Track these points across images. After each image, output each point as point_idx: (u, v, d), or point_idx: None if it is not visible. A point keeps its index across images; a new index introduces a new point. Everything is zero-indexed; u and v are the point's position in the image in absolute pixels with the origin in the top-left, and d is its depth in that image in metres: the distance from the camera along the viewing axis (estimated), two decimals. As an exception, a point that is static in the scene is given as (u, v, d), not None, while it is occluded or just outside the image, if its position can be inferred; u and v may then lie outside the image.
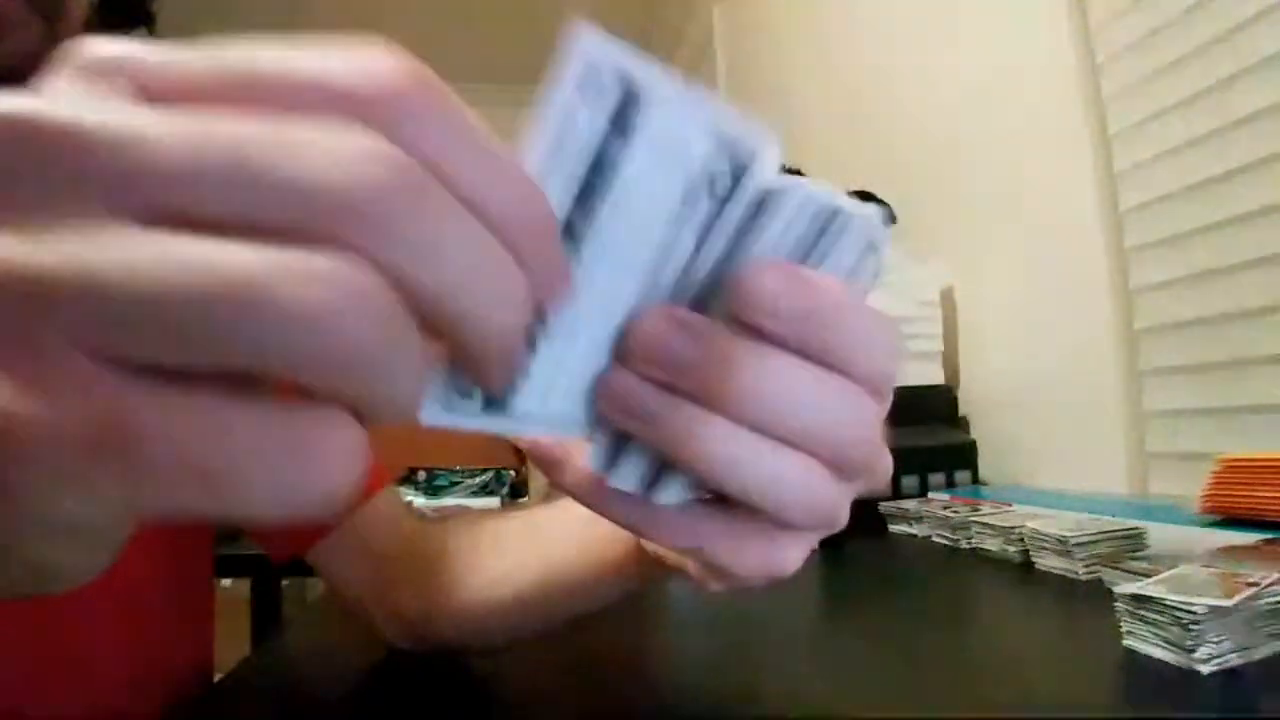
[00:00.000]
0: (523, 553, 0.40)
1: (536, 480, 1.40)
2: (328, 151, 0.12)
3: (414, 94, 0.13)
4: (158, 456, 0.11)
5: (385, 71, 0.13)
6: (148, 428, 0.11)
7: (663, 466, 0.19)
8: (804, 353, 0.18)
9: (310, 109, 0.12)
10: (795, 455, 0.18)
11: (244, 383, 0.12)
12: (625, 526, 0.21)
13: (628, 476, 0.20)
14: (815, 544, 0.21)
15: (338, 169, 0.12)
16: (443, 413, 0.16)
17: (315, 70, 0.13)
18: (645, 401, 0.18)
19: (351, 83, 0.13)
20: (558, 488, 0.22)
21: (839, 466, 0.19)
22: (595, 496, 0.21)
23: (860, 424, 0.19)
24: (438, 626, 0.43)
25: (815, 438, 0.18)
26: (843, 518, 0.20)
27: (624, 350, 0.18)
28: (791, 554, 0.21)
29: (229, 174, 0.11)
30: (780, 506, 0.18)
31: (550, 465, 0.21)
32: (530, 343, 0.17)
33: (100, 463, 0.11)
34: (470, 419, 0.17)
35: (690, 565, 0.26)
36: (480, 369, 0.15)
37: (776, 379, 0.17)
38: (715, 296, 0.18)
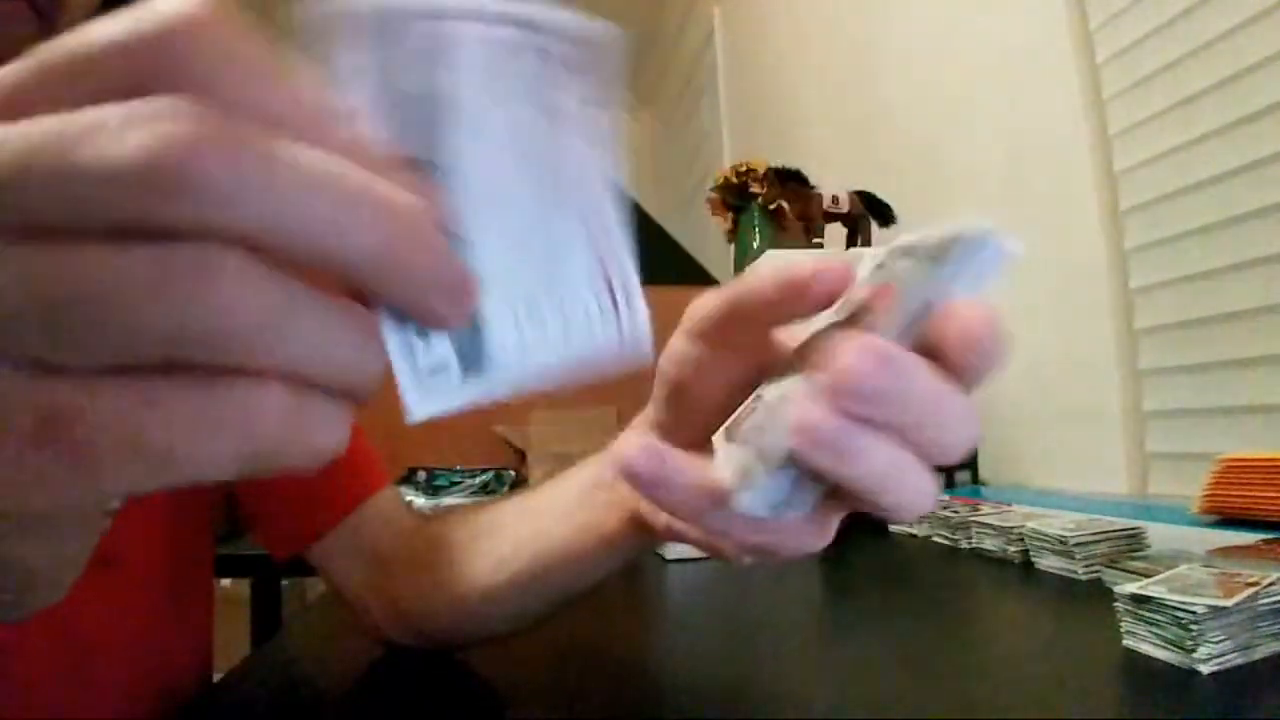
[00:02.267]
0: (517, 536, 0.40)
1: (536, 481, 1.39)
2: (116, 129, 0.11)
3: (197, 33, 0.12)
4: (94, 438, 0.12)
5: (165, 19, 0.12)
6: (80, 414, 0.12)
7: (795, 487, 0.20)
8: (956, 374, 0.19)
9: (103, 79, 0.12)
10: (918, 460, 0.20)
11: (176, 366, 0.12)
12: (737, 543, 0.22)
13: (763, 502, 0.20)
14: None
15: (129, 145, 0.11)
16: (424, 401, 0.16)
17: (99, 41, 0.12)
18: (850, 439, 0.18)
19: (131, 41, 0.12)
20: (661, 508, 0.23)
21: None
22: (706, 517, 0.21)
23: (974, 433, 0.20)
24: (439, 619, 0.43)
25: (957, 452, 0.20)
26: None
27: (823, 384, 0.18)
28: (827, 533, 0.23)
29: (26, 182, 0.12)
30: (912, 513, 0.20)
31: (649, 485, 0.21)
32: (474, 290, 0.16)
33: (44, 453, 0.12)
34: (453, 396, 0.16)
35: (727, 547, 0.26)
36: (418, 307, 0.15)
37: (954, 407, 0.19)
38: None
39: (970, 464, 0.96)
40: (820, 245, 1.20)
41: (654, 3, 3.00)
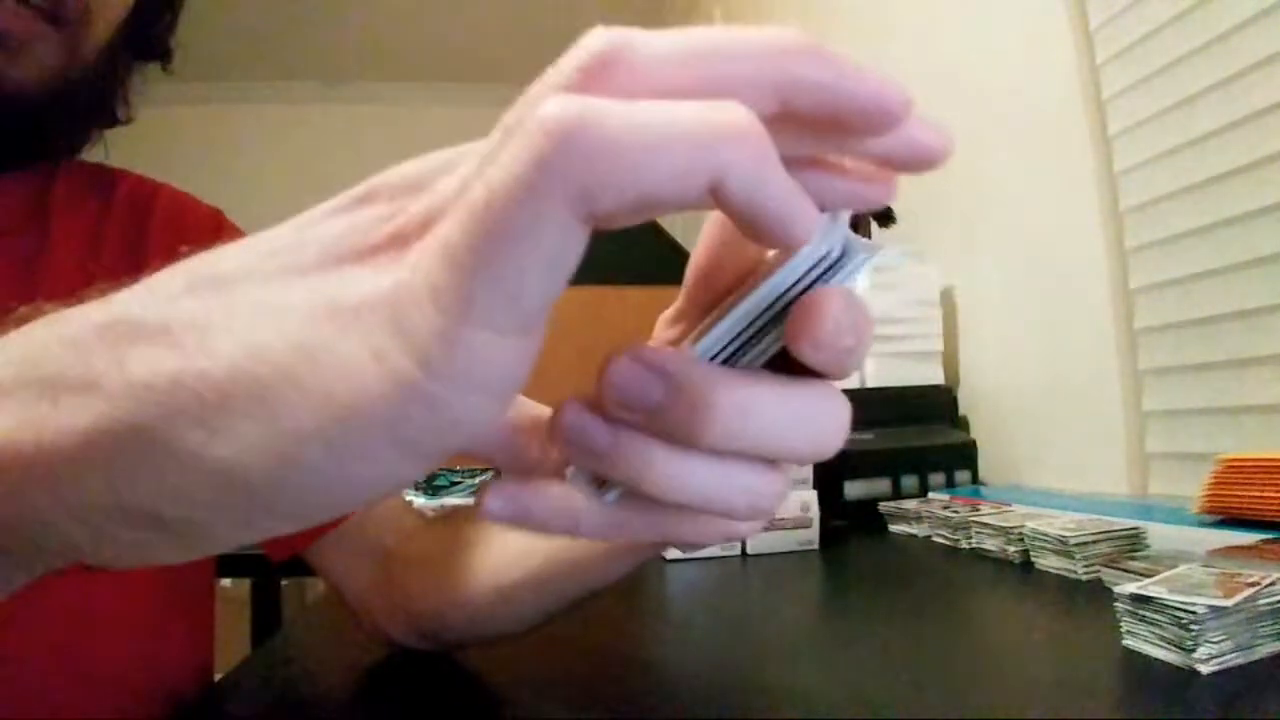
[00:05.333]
0: (531, 535, 0.39)
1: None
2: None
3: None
4: None
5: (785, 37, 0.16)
6: None
7: None
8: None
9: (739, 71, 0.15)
10: (753, 469, 0.18)
11: None
12: (589, 532, 0.21)
13: (581, 480, 0.19)
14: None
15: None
16: None
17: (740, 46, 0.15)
18: (596, 438, 0.18)
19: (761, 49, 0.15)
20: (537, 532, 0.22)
21: (796, 464, 0.19)
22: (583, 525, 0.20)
23: (834, 428, 0.19)
24: (447, 618, 0.43)
25: (783, 453, 0.18)
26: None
27: (597, 393, 0.17)
28: (745, 528, 0.22)
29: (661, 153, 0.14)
30: (733, 513, 0.19)
31: (514, 522, 0.20)
32: None
33: None
34: None
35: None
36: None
37: (748, 414, 0.17)
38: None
39: (970, 464, 0.96)
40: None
41: (654, 3, 3.00)
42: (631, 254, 2.04)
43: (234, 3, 2.82)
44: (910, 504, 0.82)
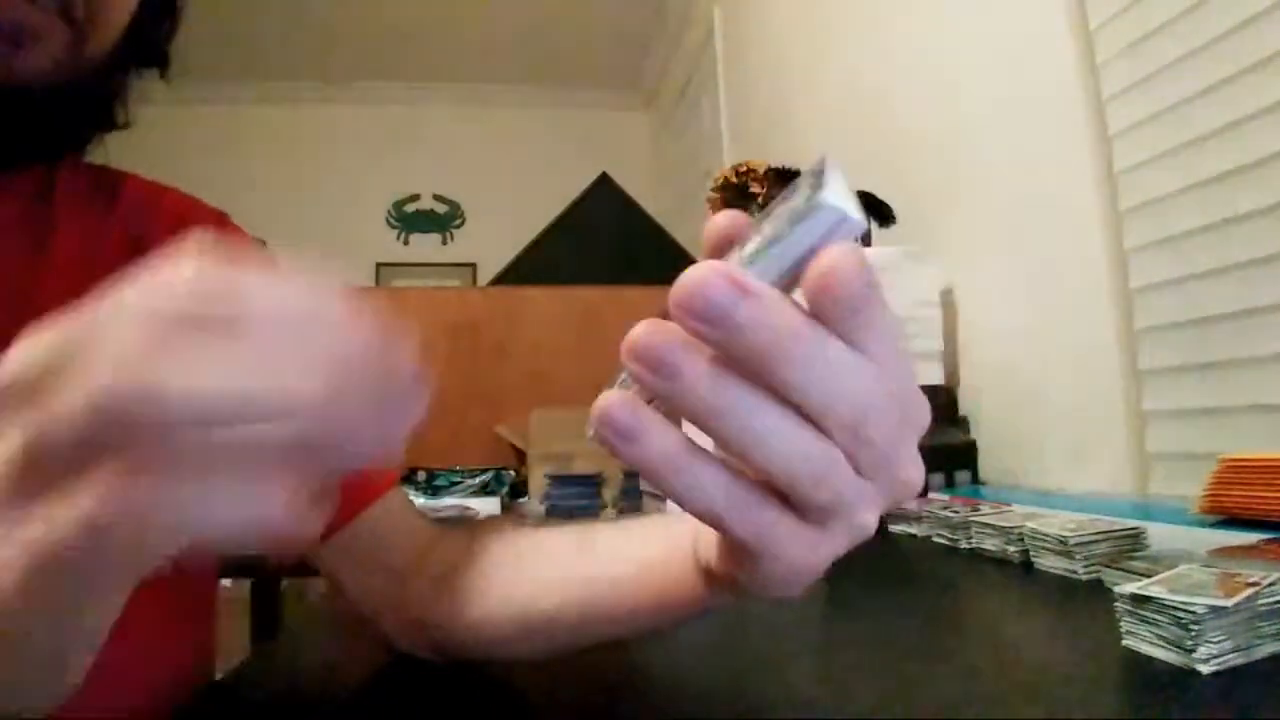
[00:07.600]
0: (571, 565, 0.37)
1: (536, 480, 1.39)
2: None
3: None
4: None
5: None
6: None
7: None
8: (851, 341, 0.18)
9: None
10: (817, 437, 0.18)
11: None
12: (694, 508, 0.20)
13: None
14: (841, 552, 0.22)
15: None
16: None
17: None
18: (672, 355, 0.17)
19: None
20: (629, 462, 0.20)
21: (860, 460, 0.19)
22: (669, 472, 0.19)
23: (886, 418, 0.18)
24: (459, 635, 0.41)
25: (846, 427, 0.18)
26: (869, 521, 0.21)
27: (674, 303, 0.17)
28: (823, 551, 0.21)
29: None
30: (797, 483, 0.18)
31: (623, 439, 0.19)
32: None
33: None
34: None
35: (737, 570, 0.25)
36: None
37: (825, 365, 0.17)
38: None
39: (970, 464, 0.96)
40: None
41: (654, 3, 3.00)
42: (631, 254, 2.04)
43: (234, 3, 2.82)
44: (910, 504, 0.82)
